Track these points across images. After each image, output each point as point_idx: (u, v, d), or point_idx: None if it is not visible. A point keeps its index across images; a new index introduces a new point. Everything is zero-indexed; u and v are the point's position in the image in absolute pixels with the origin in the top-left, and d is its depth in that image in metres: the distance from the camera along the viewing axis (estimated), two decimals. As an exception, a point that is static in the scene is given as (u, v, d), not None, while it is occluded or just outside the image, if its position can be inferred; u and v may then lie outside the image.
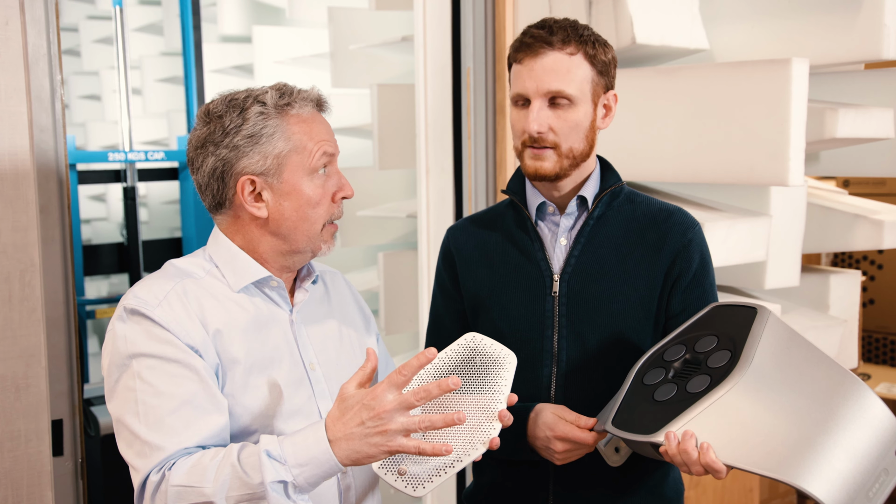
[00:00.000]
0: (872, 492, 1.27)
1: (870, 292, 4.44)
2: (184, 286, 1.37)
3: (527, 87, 1.52)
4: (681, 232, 1.60)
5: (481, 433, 1.35)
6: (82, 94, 5.75)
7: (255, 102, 1.38)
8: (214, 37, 4.58)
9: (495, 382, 1.39)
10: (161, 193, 4.88)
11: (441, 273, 1.75)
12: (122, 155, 3.87)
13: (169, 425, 1.27)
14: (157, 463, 1.26)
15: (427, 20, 2.60)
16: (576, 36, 1.52)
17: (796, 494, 3.64)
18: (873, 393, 1.34)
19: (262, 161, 1.37)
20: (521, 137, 1.56)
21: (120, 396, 1.31)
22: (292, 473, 1.22)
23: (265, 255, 1.43)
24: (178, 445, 1.27)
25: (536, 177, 1.56)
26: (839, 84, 2.49)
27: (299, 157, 1.38)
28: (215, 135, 1.38)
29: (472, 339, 1.43)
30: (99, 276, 4.69)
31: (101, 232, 5.29)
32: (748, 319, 1.45)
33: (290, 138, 1.38)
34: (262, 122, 1.37)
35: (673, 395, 1.38)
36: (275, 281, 1.43)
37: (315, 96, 1.44)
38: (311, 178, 1.40)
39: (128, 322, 1.33)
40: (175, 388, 1.29)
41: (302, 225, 1.40)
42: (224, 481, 1.22)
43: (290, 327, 1.45)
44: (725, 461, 1.28)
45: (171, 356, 1.30)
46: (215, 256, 1.44)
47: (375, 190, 3.32)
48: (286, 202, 1.39)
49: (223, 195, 1.41)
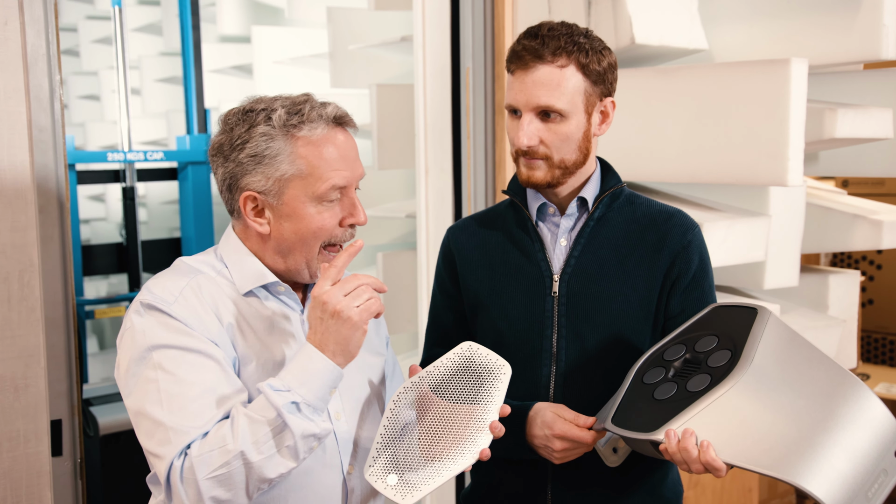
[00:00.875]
0: (871, 492, 1.27)
1: (869, 292, 4.44)
2: (198, 282, 1.38)
3: (517, 99, 1.53)
4: (680, 233, 1.60)
5: (472, 443, 1.36)
6: (81, 94, 5.75)
7: (264, 119, 1.35)
8: (213, 37, 4.58)
9: (489, 393, 1.40)
10: (160, 193, 4.88)
11: (441, 273, 1.75)
12: (121, 155, 3.87)
13: (192, 411, 1.27)
14: (182, 448, 1.25)
15: (426, 20, 2.60)
16: (569, 45, 1.50)
17: (795, 495, 3.64)
18: (873, 394, 1.34)
19: (263, 181, 1.35)
20: (514, 145, 1.56)
21: (140, 389, 1.30)
22: (300, 394, 1.26)
23: (269, 263, 1.43)
24: (200, 430, 1.26)
25: (529, 184, 1.57)
26: (838, 84, 2.50)
27: (303, 183, 1.35)
28: (225, 147, 1.38)
29: (468, 348, 1.43)
30: (98, 277, 4.69)
31: (100, 232, 5.29)
32: (748, 320, 1.45)
33: (294, 162, 1.35)
34: (265, 144, 1.34)
35: (673, 393, 1.39)
36: (282, 286, 1.43)
37: (331, 114, 1.39)
38: (317, 205, 1.37)
39: (145, 316, 1.33)
40: (196, 376, 1.29)
41: (301, 247, 1.39)
42: (244, 431, 1.23)
43: (301, 327, 1.45)
44: (725, 459, 1.29)
45: (191, 346, 1.30)
46: (225, 256, 1.44)
47: (374, 190, 3.32)
48: (286, 223, 1.38)
49: (231, 204, 1.42)
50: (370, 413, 1.49)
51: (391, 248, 3.43)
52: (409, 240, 3.43)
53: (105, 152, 3.94)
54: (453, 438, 1.36)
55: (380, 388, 1.55)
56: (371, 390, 1.52)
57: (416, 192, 2.69)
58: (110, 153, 3.89)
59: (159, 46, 5.03)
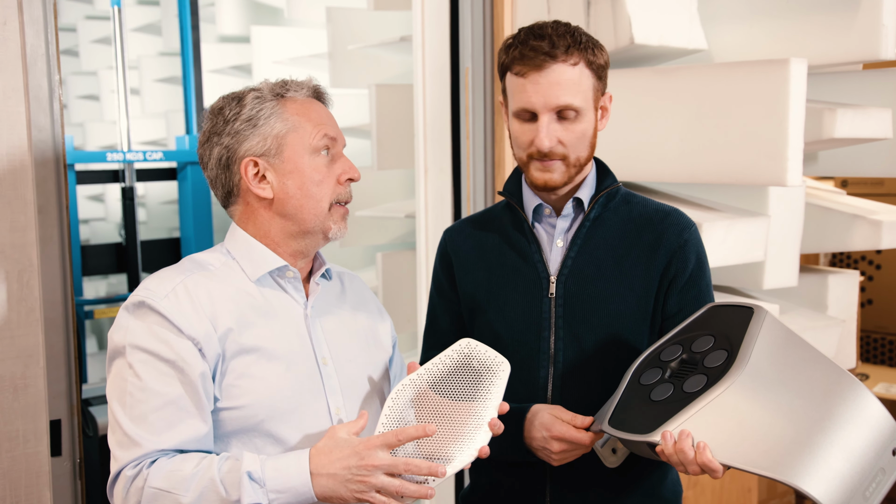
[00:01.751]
0: (869, 491, 1.27)
1: (868, 292, 4.44)
2: (194, 279, 1.40)
3: (533, 102, 1.50)
4: (677, 232, 1.60)
5: (471, 441, 1.36)
6: (80, 94, 5.74)
7: (251, 91, 1.44)
8: (213, 37, 4.58)
9: (488, 390, 1.40)
10: (159, 193, 4.88)
11: (438, 275, 1.75)
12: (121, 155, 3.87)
13: (151, 423, 1.31)
14: (134, 458, 1.31)
15: (425, 20, 2.60)
16: (576, 43, 1.50)
17: (794, 495, 3.64)
18: (870, 393, 1.34)
19: (262, 142, 1.41)
20: (526, 150, 1.54)
21: (113, 382, 1.37)
22: (269, 497, 1.27)
23: (277, 238, 1.45)
24: (156, 446, 1.31)
25: (546, 188, 1.56)
26: (837, 84, 2.50)
27: (298, 136, 1.42)
28: (217, 126, 1.43)
29: (466, 345, 1.43)
30: (97, 277, 4.68)
31: (100, 232, 5.29)
32: (745, 319, 1.45)
33: (287, 119, 1.42)
34: (258, 106, 1.42)
35: (669, 394, 1.38)
36: (291, 271, 1.45)
37: (311, 85, 1.49)
38: (313, 157, 1.43)
39: (133, 313, 1.36)
40: (162, 387, 1.32)
41: (307, 203, 1.43)
42: (202, 493, 1.26)
43: (304, 321, 1.46)
44: (722, 460, 1.28)
45: (164, 355, 1.32)
46: (232, 249, 1.46)
47: (374, 190, 3.32)
48: (289, 181, 1.42)
49: (230, 183, 1.44)
50: (371, 409, 1.50)
51: (390, 249, 3.43)
52: (408, 240, 3.43)
53: (104, 152, 3.93)
54: (452, 436, 1.36)
55: (381, 384, 1.56)
56: (371, 387, 1.52)
57: (416, 193, 2.69)
58: (109, 153, 3.88)
59: (158, 46, 5.02)
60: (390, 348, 1.62)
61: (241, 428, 1.37)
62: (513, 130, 1.57)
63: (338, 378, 1.46)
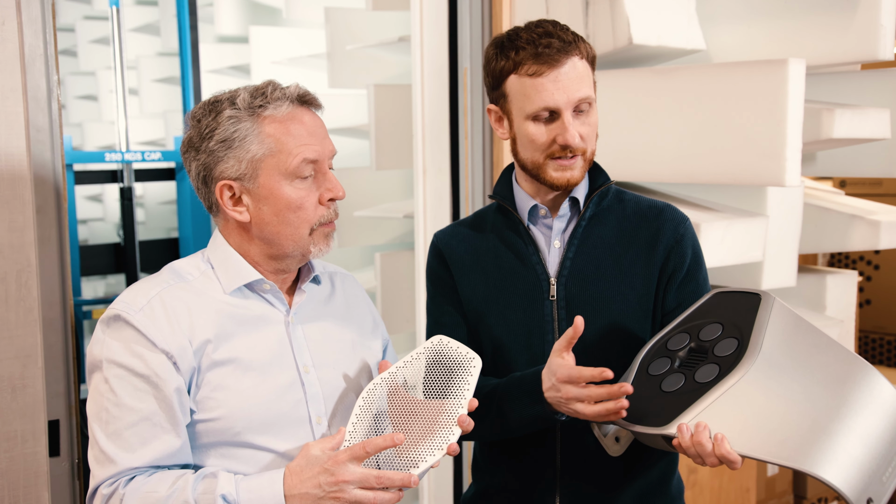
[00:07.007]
0: (886, 476, 1.25)
1: (866, 293, 4.45)
2: (171, 291, 1.38)
3: (556, 99, 1.48)
4: (672, 228, 1.59)
5: (440, 439, 1.34)
6: (79, 94, 5.74)
7: (228, 105, 1.36)
8: (211, 37, 4.58)
9: (459, 387, 1.39)
10: (158, 194, 4.88)
11: (441, 277, 1.69)
12: (119, 155, 3.87)
13: (125, 439, 1.30)
14: (110, 476, 1.30)
15: (424, 20, 2.60)
16: (576, 37, 1.52)
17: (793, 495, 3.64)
18: (883, 377, 1.32)
19: (236, 165, 1.35)
20: (546, 150, 1.52)
21: (91, 397, 1.35)
22: None
23: (255, 258, 1.42)
24: (130, 464, 1.30)
25: (568, 186, 1.54)
26: (836, 84, 2.50)
27: (275, 161, 1.35)
28: (195, 140, 1.38)
29: (438, 342, 1.43)
30: (95, 277, 4.68)
31: (98, 232, 5.29)
32: (753, 306, 1.42)
33: (263, 142, 1.35)
34: (233, 126, 1.35)
35: (681, 385, 1.36)
36: (267, 284, 1.42)
37: (293, 94, 1.39)
38: (291, 182, 1.36)
39: (109, 327, 1.35)
40: (137, 403, 1.31)
41: (285, 230, 1.38)
42: None
43: (286, 328, 1.43)
44: (740, 451, 1.26)
45: (138, 370, 1.31)
46: (212, 258, 1.44)
47: (372, 190, 3.32)
48: (265, 206, 1.37)
49: (209, 199, 1.41)
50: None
51: (389, 249, 3.43)
52: (406, 240, 3.43)
53: (103, 152, 3.93)
54: (422, 433, 1.35)
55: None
56: (357, 392, 1.49)
57: (414, 193, 2.69)
58: (108, 153, 3.89)
59: (157, 46, 5.02)
60: (380, 352, 1.59)
61: (219, 440, 1.36)
62: (527, 133, 1.52)
63: (320, 385, 1.43)
